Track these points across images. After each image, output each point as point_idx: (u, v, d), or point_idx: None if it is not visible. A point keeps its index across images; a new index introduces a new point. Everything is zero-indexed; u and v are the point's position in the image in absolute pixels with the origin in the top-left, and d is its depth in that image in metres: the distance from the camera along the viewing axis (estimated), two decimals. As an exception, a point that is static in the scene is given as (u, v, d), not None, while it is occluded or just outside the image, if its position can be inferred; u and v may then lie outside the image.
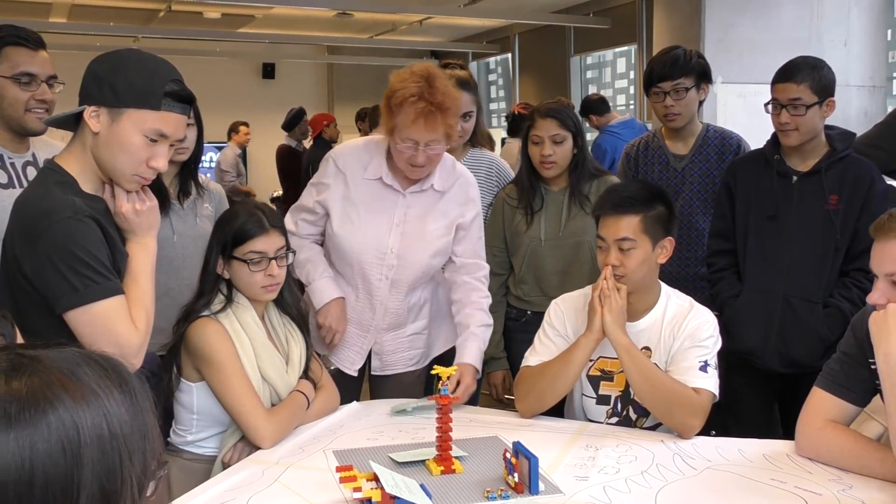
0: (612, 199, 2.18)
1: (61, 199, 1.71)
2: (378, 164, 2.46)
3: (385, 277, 2.46)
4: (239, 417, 2.02)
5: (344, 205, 2.46)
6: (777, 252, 2.57)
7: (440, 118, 2.28)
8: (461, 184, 2.54)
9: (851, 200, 2.50)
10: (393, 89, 2.33)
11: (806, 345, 2.50)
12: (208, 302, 2.09)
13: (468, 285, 2.52)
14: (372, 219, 2.44)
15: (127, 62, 1.76)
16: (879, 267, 1.76)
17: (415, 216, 2.47)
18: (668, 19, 6.35)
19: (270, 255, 2.08)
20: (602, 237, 2.17)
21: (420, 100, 2.27)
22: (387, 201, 2.46)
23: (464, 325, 2.46)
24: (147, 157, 1.75)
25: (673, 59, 2.87)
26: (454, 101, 2.33)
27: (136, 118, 1.72)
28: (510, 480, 1.77)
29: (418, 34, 10.26)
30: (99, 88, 1.73)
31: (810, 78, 2.49)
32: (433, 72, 2.35)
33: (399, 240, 2.44)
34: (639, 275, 2.14)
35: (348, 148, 2.54)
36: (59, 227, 1.68)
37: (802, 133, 2.52)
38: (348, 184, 2.46)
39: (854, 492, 1.72)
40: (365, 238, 2.44)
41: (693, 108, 2.91)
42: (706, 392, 2.07)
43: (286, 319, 2.21)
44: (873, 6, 6.35)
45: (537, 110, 2.90)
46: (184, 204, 2.47)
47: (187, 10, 8.79)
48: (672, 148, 2.97)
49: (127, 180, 1.79)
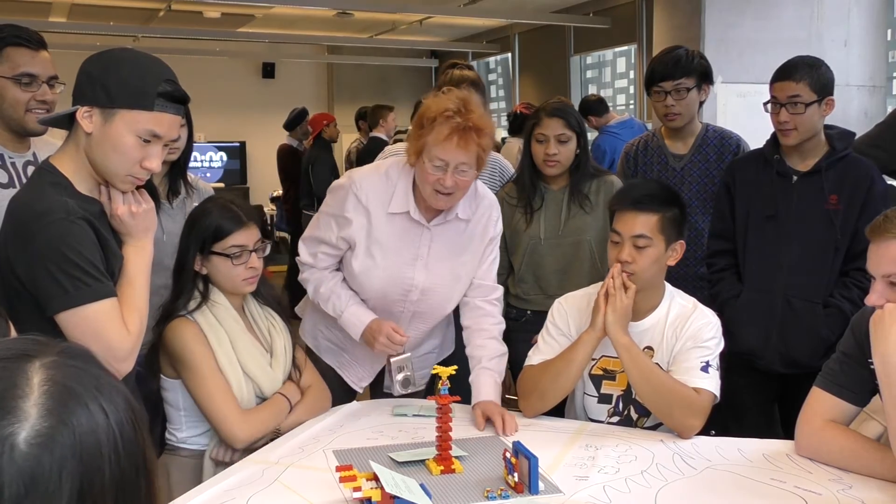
0: (633, 194, 2.18)
1: (54, 200, 1.71)
2: (403, 197, 2.28)
3: (408, 311, 2.38)
4: (212, 418, 2.05)
5: (368, 242, 2.30)
6: (777, 252, 2.56)
7: (475, 138, 2.14)
8: (485, 207, 2.40)
9: (851, 200, 2.50)
10: (427, 107, 2.19)
11: (806, 345, 2.50)
12: (187, 301, 2.12)
13: (480, 310, 2.40)
14: (396, 256, 2.31)
15: (120, 62, 1.74)
16: (876, 268, 1.76)
17: (439, 249, 2.33)
18: (668, 19, 6.35)
19: (250, 248, 2.12)
20: (618, 231, 2.16)
21: (456, 115, 2.13)
22: (411, 235, 2.31)
23: (476, 358, 2.33)
24: (140, 157, 1.74)
25: (675, 59, 2.87)
26: (490, 126, 2.19)
27: (128, 119, 1.71)
28: (510, 480, 1.77)
29: (418, 34, 10.26)
30: (92, 88, 1.71)
31: (809, 76, 2.49)
32: (470, 97, 2.23)
33: (424, 275, 2.32)
34: (648, 274, 2.14)
35: (368, 178, 2.32)
36: (52, 229, 1.67)
37: (801, 132, 2.52)
38: (371, 220, 2.28)
39: (854, 491, 1.72)
40: (388, 276, 2.31)
41: (694, 108, 2.91)
42: (707, 392, 2.07)
43: (268, 311, 2.25)
44: (873, 6, 6.35)
45: (543, 109, 2.89)
46: (173, 203, 2.49)
47: (187, 9, 8.78)
48: (671, 147, 2.98)
49: (120, 181, 1.78)
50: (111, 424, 0.71)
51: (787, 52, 2.84)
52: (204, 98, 10.13)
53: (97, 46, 1.98)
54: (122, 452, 0.71)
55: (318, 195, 6.78)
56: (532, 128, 2.86)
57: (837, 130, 2.59)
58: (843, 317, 2.38)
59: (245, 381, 2.10)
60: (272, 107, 10.00)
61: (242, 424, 2.04)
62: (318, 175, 6.82)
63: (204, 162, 10.77)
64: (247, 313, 2.22)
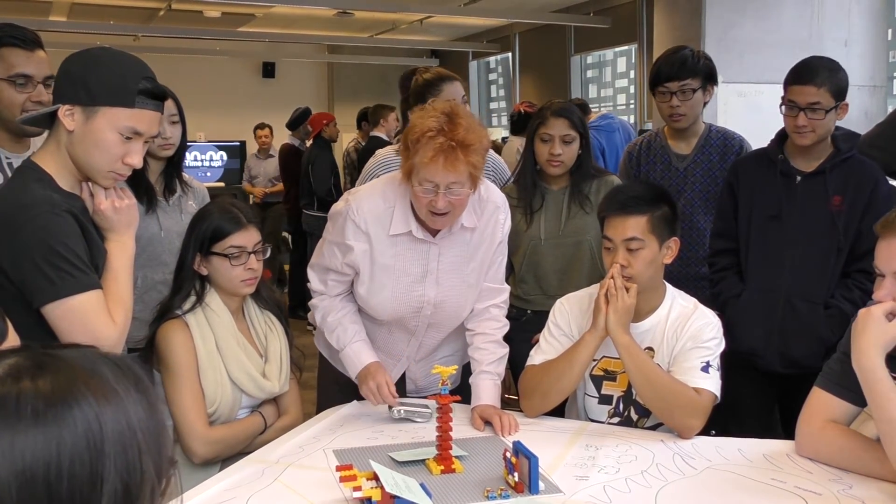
0: (619, 199, 2.18)
1: (39, 194, 1.73)
2: (403, 217, 2.21)
3: (422, 324, 2.34)
4: (178, 428, 2.09)
5: (371, 267, 2.25)
6: (779, 252, 2.56)
7: (462, 156, 2.03)
8: (490, 211, 2.31)
9: (855, 202, 2.49)
10: (412, 125, 2.11)
11: (807, 346, 2.49)
12: (183, 299, 2.15)
13: (485, 314, 2.36)
14: (403, 277, 2.25)
15: (99, 60, 1.77)
16: (886, 264, 1.75)
17: (448, 261, 2.27)
18: (669, 19, 6.35)
19: (249, 250, 2.15)
20: (609, 237, 2.16)
21: (439, 134, 2.03)
22: (416, 253, 2.25)
23: (476, 361, 2.32)
24: (122, 153, 1.77)
25: (681, 59, 2.86)
26: (479, 138, 2.08)
27: (110, 116, 1.74)
28: (510, 480, 1.77)
29: (418, 33, 10.26)
30: (73, 87, 1.74)
31: (829, 81, 2.45)
32: (456, 109, 2.11)
33: (435, 289, 2.27)
34: (646, 275, 2.14)
35: (366, 202, 2.23)
36: (37, 222, 1.69)
37: (818, 135, 2.49)
38: (373, 244, 2.22)
39: (854, 491, 1.72)
40: (397, 297, 2.27)
41: (698, 109, 2.91)
42: (707, 392, 2.07)
43: (267, 315, 2.27)
44: (873, 6, 6.35)
45: (549, 108, 2.87)
46: (169, 201, 2.54)
47: (187, 8, 8.78)
48: (675, 148, 2.97)
49: (103, 177, 1.80)
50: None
51: (788, 52, 2.84)
52: (204, 97, 10.15)
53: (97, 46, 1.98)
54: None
55: (318, 194, 6.78)
56: (536, 127, 2.86)
57: (843, 131, 2.58)
58: (844, 318, 2.38)
59: (230, 386, 2.14)
60: (272, 106, 9.99)
61: (204, 443, 2.09)
62: (318, 174, 6.83)
63: (204, 161, 10.77)
64: (245, 316, 2.25)
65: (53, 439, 0.71)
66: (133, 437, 0.75)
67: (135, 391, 0.78)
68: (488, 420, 2.17)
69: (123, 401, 0.76)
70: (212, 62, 10.71)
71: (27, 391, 0.72)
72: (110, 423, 0.74)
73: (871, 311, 1.75)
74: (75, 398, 0.73)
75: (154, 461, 0.77)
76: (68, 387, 0.74)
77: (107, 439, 0.73)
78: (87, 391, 0.74)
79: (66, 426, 0.72)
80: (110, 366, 0.79)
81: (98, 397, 0.74)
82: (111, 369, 0.78)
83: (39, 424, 0.71)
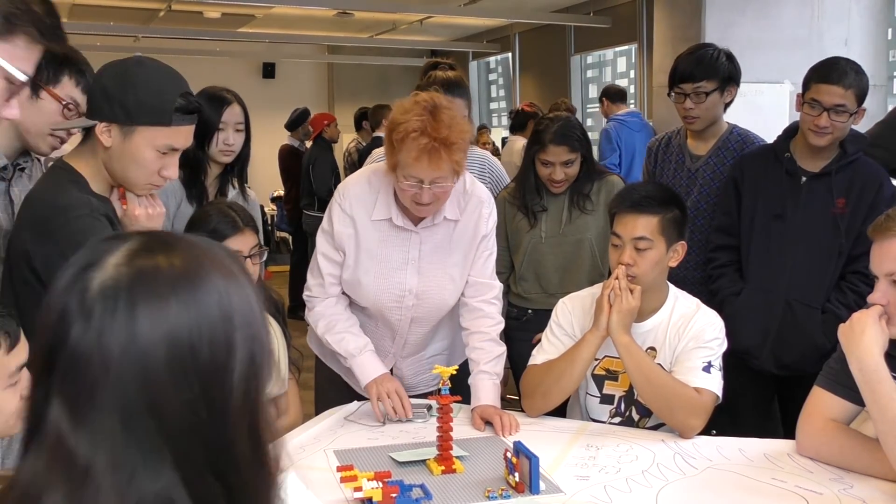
0: (632, 197, 2.17)
1: (77, 196, 1.75)
2: (385, 203, 2.26)
3: (405, 317, 2.34)
4: None
5: (356, 251, 2.29)
6: (781, 253, 2.54)
7: (445, 154, 2.06)
8: (474, 205, 2.33)
9: (858, 203, 2.47)
10: (395, 122, 2.12)
11: (801, 350, 2.48)
12: None
13: (478, 312, 2.35)
14: (385, 263, 2.29)
15: (136, 78, 1.77)
16: (879, 267, 1.76)
17: (430, 252, 2.30)
18: (669, 18, 6.35)
19: (245, 254, 2.14)
20: (618, 234, 2.15)
21: (423, 135, 2.05)
22: (398, 240, 2.28)
23: (474, 361, 2.31)
24: (159, 167, 1.80)
25: (697, 59, 2.77)
26: (461, 134, 2.10)
27: (147, 135, 1.75)
28: (511, 480, 1.77)
29: (418, 33, 10.26)
30: (110, 106, 1.75)
31: (856, 84, 2.42)
32: (438, 103, 2.12)
33: (416, 279, 2.30)
34: (651, 276, 2.13)
35: (352, 188, 2.32)
36: (76, 224, 1.70)
37: (835, 137, 2.47)
38: (357, 228, 2.28)
39: (855, 491, 1.72)
40: (379, 284, 2.29)
41: (714, 111, 2.80)
42: (708, 392, 2.06)
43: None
44: (873, 5, 6.34)
45: (547, 133, 2.79)
46: None
47: (187, 9, 8.78)
48: (692, 147, 2.88)
49: (140, 188, 1.84)
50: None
51: (788, 51, 2.82)
52: (204, 98, 10.14)
53: (97, 46, 1.99)
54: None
55: (319, 195, 6.77)
56: (536, 151, 2.82)
57: (850, 133, 2.54)
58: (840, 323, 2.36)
59: None
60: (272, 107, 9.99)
61: None
62: (319, 175, 6.83)
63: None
64: None
65: (193, 307, 0.77)
66: (252, 312, 0.82)
67: (243, 277, 0.84)
68: (489, 420, 2.17)
69: (238, 279, 0.82)
70: (212, 63, 10.69)
71: (163, 265, 0.78)
72: (235, 297, 0.80)
73: (868, 312, 1.75)
74: (206, 272, 0.80)
75: (266, 336, 0.84)
76: (197, 262, 0.80)
77: (235, 311, 0.80)
78: (213, 268, 0.81)
79: (201, 296, 0.78)
80: (224, 250, 0.87)
81: (223, 274, 0.81)
82: (226, 253, 0.86)
83: (178, 293, 0.77)
